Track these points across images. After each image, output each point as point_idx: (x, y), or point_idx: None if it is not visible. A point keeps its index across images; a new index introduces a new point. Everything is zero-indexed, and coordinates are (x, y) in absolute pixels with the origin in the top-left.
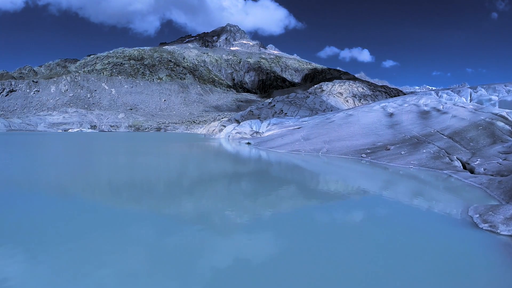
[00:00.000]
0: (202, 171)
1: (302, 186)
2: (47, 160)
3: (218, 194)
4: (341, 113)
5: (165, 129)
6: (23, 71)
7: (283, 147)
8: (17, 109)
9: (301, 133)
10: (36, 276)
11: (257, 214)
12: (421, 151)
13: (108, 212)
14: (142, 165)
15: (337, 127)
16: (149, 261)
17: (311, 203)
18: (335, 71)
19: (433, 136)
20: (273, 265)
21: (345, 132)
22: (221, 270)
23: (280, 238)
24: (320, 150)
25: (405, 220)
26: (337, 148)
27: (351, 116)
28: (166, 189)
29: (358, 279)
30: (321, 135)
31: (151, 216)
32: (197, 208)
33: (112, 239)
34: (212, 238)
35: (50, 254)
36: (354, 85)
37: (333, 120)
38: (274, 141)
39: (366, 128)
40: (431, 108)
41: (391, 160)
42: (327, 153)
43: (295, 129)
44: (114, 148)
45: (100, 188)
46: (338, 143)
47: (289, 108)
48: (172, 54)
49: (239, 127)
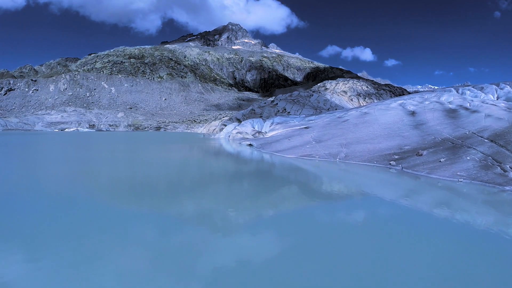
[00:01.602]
0: (186, 196)
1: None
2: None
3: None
4: (353, 111)
5: (165, 129)
6: (24, 70)
7: (291, 150)
8: (16, 108)
9: (312, 134)
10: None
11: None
12: (463, 158)
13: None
14: (111, 176)
15: (353, 127)
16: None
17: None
18: (337, 69)
19: (471, 139)
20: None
21: (364, 133)
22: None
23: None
24: (338, 156)
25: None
26: (358, 152)
27: (367, 114)
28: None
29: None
30: (336, 137)
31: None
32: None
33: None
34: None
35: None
36: (358, 83)
37: (346, 119)
38: (280, 143)
39: (387, 129)
40: (458, 106)
41: (431, 170)
42: (346, 159)
43: (303, 129)
44: (95, 152)
45: (64, 202)
46: (357, 147)
47: (292, 107)
48: (173, 53)
49: (240, 127)
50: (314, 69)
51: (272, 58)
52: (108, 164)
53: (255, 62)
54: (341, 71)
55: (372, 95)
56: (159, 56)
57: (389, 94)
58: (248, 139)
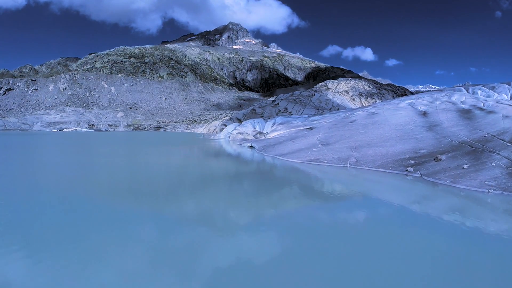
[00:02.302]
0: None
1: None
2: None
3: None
4: (360, 111)
5: (165, 129)
6: (24, 69)
7: (296, 154)
8: (15, 108)
9: (317, 136)
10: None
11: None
12: (487, 164)
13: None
14: (99, 181)
15: (362, 129)
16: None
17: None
18: (338, 69)
19: (492, 143)
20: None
21: (374, 135)
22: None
23: None
24: (348, 160)
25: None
26: (369, 157)
27: (375, 114)
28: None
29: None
30: (344, 139)
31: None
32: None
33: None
34: None
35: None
36: (360, 83)
37: (354, 119)
38: (283, 145)
39: (399, 130)
40: (471, 106)
41: (455, 179)
42: (357, 164)
43: (306, 130)
44: (85, 155)
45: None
46: (369, 150)
47: (293, 107)
48: (174, 52)
49: (241, 127)
50: (315, 69)
51: (273, 57)
52: (96, 169)
53: (256, 61)
54: (342, 70)
55: (374, 94)
56: (160, 55)
57: (391, 94)
58: (249, 140)
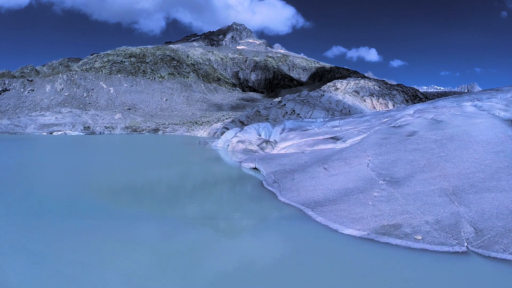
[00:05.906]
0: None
1: None
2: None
3: None
4: (407, 116)
5: (164, 131)
6: (25, 70)
7: (345, 207)
8: (9, 109)
9: (366, 160)
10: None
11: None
12: None
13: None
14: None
15: (438, 149)
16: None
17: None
18: (343, 69)
19: None
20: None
21: (469, 163)
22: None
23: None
24: (459, 231)
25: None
26: (494, 218)
27: (443, 124)
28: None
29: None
30: (420, 169)
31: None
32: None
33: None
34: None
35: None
36: (370, 83)
37: (411, 130)
38: (309, 174)
39: (501, 154)
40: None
41: None
42: (483, 244)
43: (331, 141)
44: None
45: None
46: (480, 199)
47: (301, 108)
48: (176, 52)
49: (243, 133)
50: (320, 69)
51: (277, 58)
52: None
53: (260, 62)
54: (348, 71)
55: (386, 95)
56: (161, 55)
57: (402, 95)
58: (252, 155)
